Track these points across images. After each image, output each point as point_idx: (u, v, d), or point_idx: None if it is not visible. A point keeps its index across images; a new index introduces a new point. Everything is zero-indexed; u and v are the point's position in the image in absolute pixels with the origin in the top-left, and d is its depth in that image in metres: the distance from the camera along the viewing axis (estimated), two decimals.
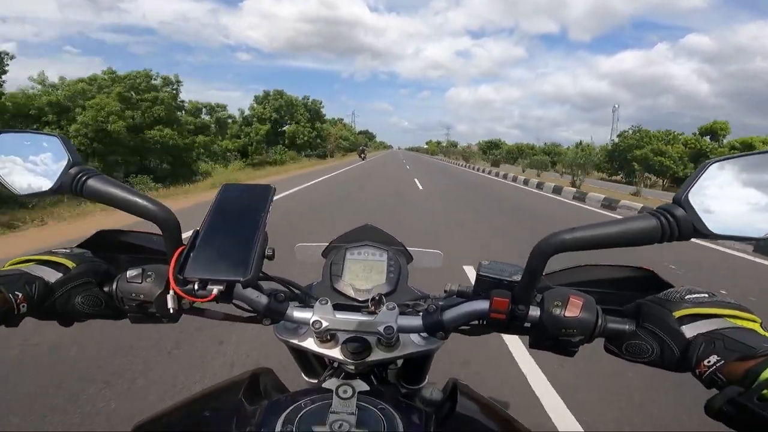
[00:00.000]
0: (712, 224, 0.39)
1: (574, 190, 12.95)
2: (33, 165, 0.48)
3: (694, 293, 0.44)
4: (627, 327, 0.44)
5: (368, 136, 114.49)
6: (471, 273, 3.59)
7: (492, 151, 58.18)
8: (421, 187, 12.39)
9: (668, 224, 0.39)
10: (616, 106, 59.54)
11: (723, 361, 0.37)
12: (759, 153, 0.40)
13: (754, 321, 0.41)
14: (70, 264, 0.48)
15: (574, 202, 11.01)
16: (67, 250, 0.51)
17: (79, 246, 0.54)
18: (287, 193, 9.33)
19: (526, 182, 17.16)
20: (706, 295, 0.44)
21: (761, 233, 0.40)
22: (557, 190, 13.43)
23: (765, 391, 0.33)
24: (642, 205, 9.55)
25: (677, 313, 0.42)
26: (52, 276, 0.46)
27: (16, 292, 0.42)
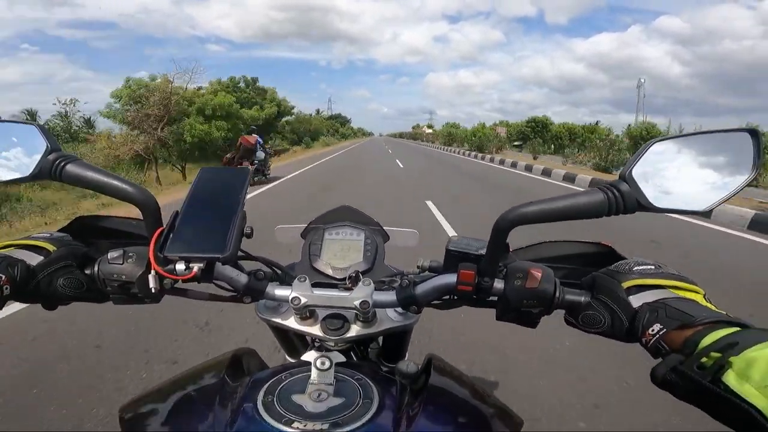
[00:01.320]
0: (655, 198, 0.42)
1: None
2: (11, 152, 0.49)
3: (642, 265, 0.46)
4: (582, 298, 0.47)
5: (340, 121, 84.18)
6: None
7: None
8: None
9: (614, 198, 0.42)
10: (642, 80, 51.27)
11: (665, 330, 0.39)
12: (696, 133, 0.44)
13: (697, 292, 0.42)
14: (50, 247, 0.48)
15: None
16: (47, 235, 0.51)
17: (59, 231, 0.55)
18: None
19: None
20: (653, 267, 0.46)
21: (700, 206, 0.43)
22: None
23: (704, 359, 0.34)
24: None
25: (625, 284, 0.44)
26: (33, 259, 0.47)
27: (0, 275, 0.43)
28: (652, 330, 0.40)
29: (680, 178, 0.44)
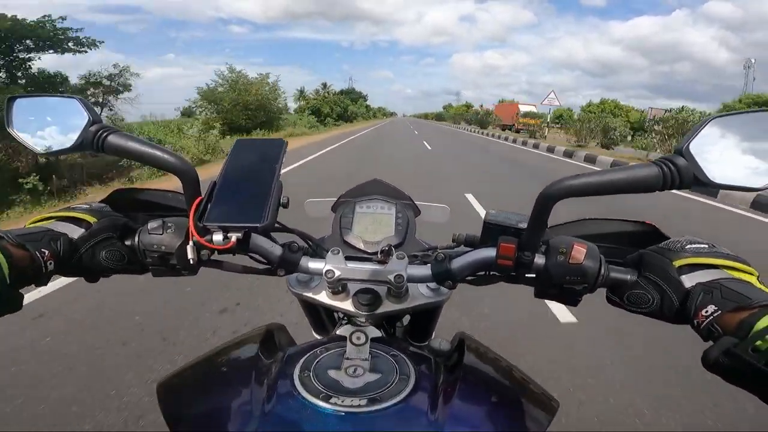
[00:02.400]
0: (712, 174, 0.40)
1: None
2: (54, 125, 0.50)
3: (695, 243, 0.44)
4: (629, 277, 0.45)
5: (351, 97, 61.49)
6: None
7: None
8: None
9: (670, 173, 0.40)
10: (753, 60, 44.62)
11: (720, 311, 0.37)
12: (757, 111, 0.41)
13: (752, 274, 0.41)
14: (91, 219, 0.49)
15: None
16: (87, 206, 0.52)
17: (99, 203, 0.56)
18: None
19: None
20: (706, 246, 0.44)
21: (760, 184, 0.40)
22: None
23: (759, 342, 0.33)
24: None
25: (677, 263, 0.42)
26: (75, 232, 0.48)
27: (43, 250, 0.43)
28: (706, 311, 0.38)
29: (738, 155, 0.41)
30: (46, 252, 0.43)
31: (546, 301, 0.49)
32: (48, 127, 0.50)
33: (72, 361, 1.92)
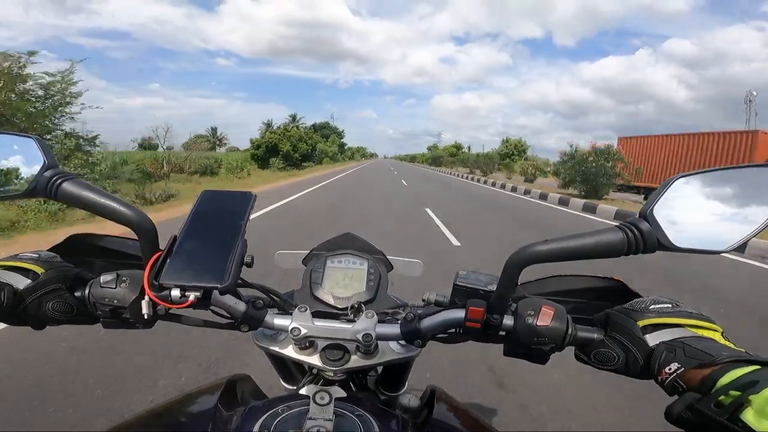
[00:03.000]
0: (676, 238, 0.40)
1: None
2: (7, 167, 0.47)
3: (659, 303, 0.45)
4: (595, 336, 0.45)
5: (324, 133, 54.66)
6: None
7: None
8: None
9: (634, 238, 0.41)
10: (754, 93, 41.02)
11: (683, 369, 0.38)
12: (722, 169, 0.42)
13: (715, 330, 0.42)
14: (38, 270, 0.47)
15: None
16: (35, 255, 0.49)
17: (51, 249, 0.53)
18: None
19: None
20: (670, 305, 0.45)
21: (722, 246, 0.41)
22: None
23: (722, 398, 0.34)
24: None
25: (642, 323, 0.43)
26: (20, 282, 0.45)
27: None
28: (669, 369, 0.39)
29: (702, 216, 0.42)
30: None
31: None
32: (1, 169, 0.48)
33: None
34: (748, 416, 0.32)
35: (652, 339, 0.42)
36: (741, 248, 5.09)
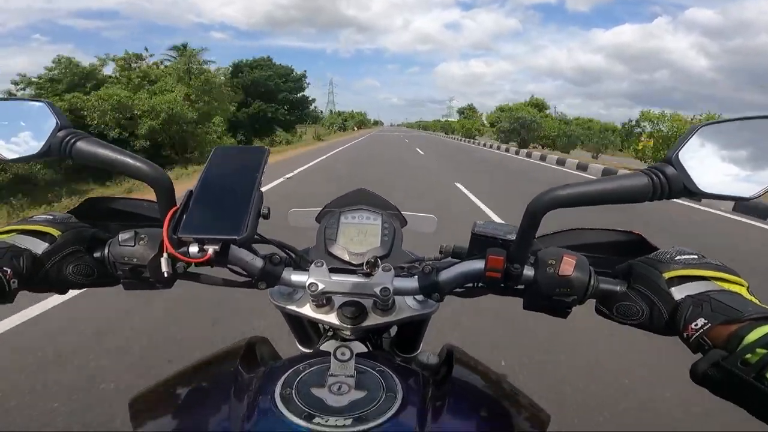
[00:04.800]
0: (701, 183, 0.39)
1: None
2: (20, 131, 0.47)
3: (684, 254, 0.44)
4: (618, 288, 0.45)
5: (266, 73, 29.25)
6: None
7: None
8: None
9: (659, 182, 0.40)
10: None
11: (709, 325, 0.37)
12: (745, 118, 0.41)
13: (741, 285, 0.41)
14: (55, 232, 0.47)
15: None
16: (50, 217, 0.49)
17: (68, 213, 0.53)
18: None
19: None
20: (696, 257, 0.44)
21: (747, 193, 0.40)
22: None
23: (748, 356, 0.33)
24: None
25: (667, 274, 0.42)
26: (38, 247, 0.45)
27: (5, 268, 0.41)
28: (696, 324, 0.38)
29: (727, 164, 0.41)
30: (8, 270, 0.41)
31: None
32: (14, 133, 0.48)
33: None
34: None
35: (678, 292, 0.41)
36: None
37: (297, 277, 0.51)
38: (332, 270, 0.50)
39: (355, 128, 74.33)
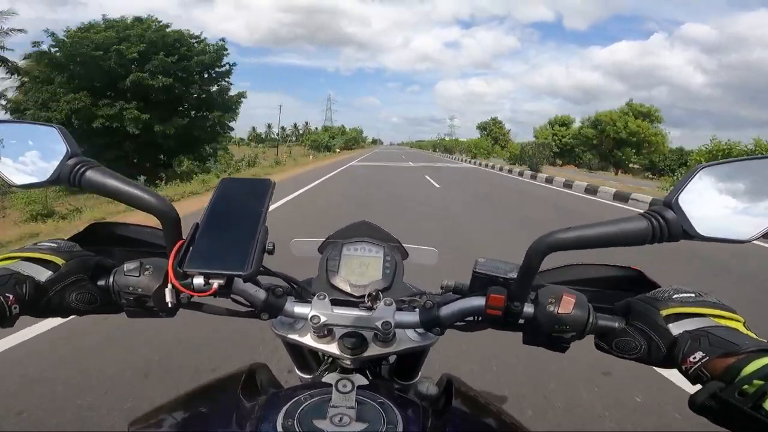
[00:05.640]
0: (700, 227, 0.40)
1: None
2: (30, 156, 0.48)
3: (682, 293, 0.45)
4: (617, 324, 0.46)
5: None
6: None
7: None
8: None
9: (659, 226, 0.40)
10: None
11: (707, 357, 0.39)
12: (747, 159, 0.42)
13: (738, 320, 0.42)
14: (59, 261, 0.47)
15: None
16: (54, 245, 0.49)
17: (71, 239, 0.54)
18: None
19: None
20: (693, 295, 0.45)
21: (746, 236, 0.41)
22: None
23: (746, 387, 0.34)
24: None
25: (665, 312, 0.43)
26: (42, 274, 0.45)
27: (7, 294, 0.41)
28: (694, 357, 0.40)
29: (726, 206, 0.42)
30: (10, 296, 0.42)
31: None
32: (24, 157, 0.48)
33: None
34: None
35: (676, 328, 0.42)
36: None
37: (299, 309, 0.51)
38: (334, 302, 0.51)
39: (338, 150, 52.89)
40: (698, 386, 0.39)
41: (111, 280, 0.47)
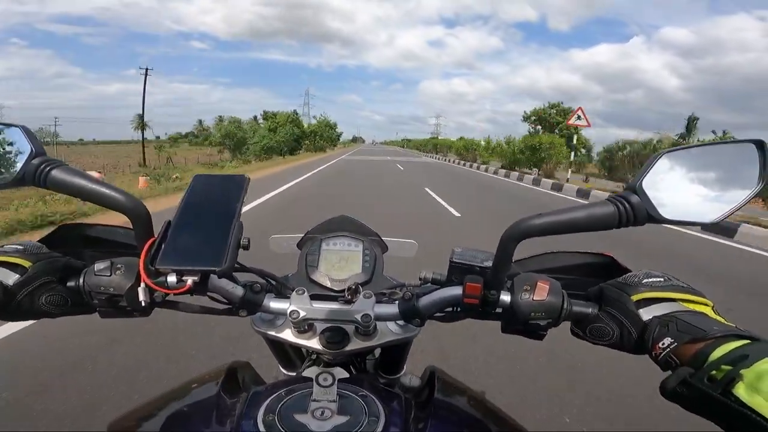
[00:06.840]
0: (664, 210, 0.41)
1: None
2: None
3: (651, 277, 0.46)
4: (590, 310, 0.46)
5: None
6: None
7: None
8: None
9: (624, 210, 0.41)
10: None
11: (676, 344, 0.39)
12: (704, 144, 0.44)
13: (706, 305, 0.43)
14: (26, 263, 0.45)
15: None
16: (20, 247, 0.48)
17: (41, 241, 0.52)
18: None
19: None
20: (662, 279, 0.46)
21: (710, 217, 0.43)
22: None
23: (714, 372, 0.34)
24: None
25: (635, 297, 0.44)
26: (9, 278, 0.44)
27: None
28: (663, 344, 0.40)
29: (688, 190, 0.43)
30: None
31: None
32: None
33: None
34: (740, 390, 0.32)
35: (646, 313, 0.43)
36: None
37: (278, 305, 0.50)
38: (313, 297, 0.51)
39: (315, 152, 39.05)
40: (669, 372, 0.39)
41: (81, 280, 0.46)
